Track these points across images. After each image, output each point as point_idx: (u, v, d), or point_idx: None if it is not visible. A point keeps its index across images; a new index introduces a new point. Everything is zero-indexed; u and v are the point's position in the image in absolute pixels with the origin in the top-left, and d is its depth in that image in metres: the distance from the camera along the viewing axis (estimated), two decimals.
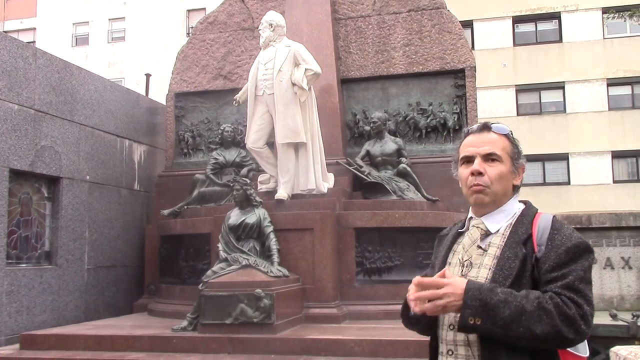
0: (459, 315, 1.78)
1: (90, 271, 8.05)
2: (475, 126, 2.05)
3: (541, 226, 1.93)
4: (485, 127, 2.02)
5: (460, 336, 1.89)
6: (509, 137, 2.02)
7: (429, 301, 1.79)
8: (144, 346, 5.78)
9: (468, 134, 2.05)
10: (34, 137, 7.21)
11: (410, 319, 2.08)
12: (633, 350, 3.21)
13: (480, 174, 1.95)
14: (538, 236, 1.90)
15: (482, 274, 1.92)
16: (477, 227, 2.01)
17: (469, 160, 1.99)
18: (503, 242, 1.94)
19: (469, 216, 2.08)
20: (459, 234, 2.09)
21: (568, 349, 1.89)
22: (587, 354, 1.95)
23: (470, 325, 1.76)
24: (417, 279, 1.84)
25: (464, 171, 2.01)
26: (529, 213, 2.00)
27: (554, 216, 1.98)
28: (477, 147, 1.99)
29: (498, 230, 1.97)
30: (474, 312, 1.75)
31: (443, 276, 1.84)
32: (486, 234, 1.99)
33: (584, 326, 1.75)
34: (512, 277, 1.85)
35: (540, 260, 1.86)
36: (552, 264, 1.84)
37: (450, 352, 1.93)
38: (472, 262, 1.96)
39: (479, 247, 1.98)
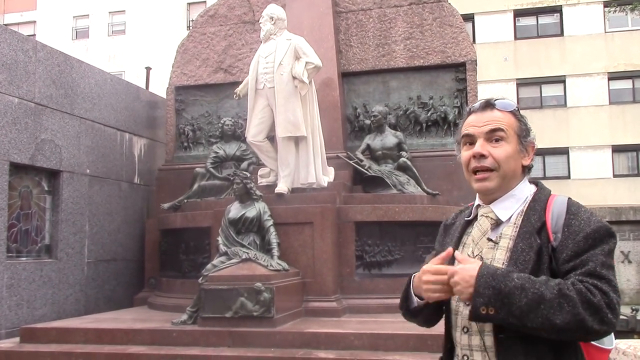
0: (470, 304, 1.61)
1: (90, 265, 8.06)
2: (477, 103, 1.87)
3: (555, 211, 1.74)
4: (489, 105, 1.84)
5: (476, 341, 1.74)
6: (515, 113, 1.85)
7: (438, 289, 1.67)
8: (145, 340, 5.79)
9: (470, 112, 1.87)
10: (34, 131, 7.21)
11: (411, 311, 1.95)
12: (632, 343, 3.22)
13: (482, 156, 1.78)
14: (553, 223, 1.72)
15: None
16: (486, 216, 1.83)
17: (471, 141, 1.82)
18: (515, 232, 1.76)
19: (476, 203, 1.90)
20: (468, 224, 1.91)
21: (592, 342, 1.71)
22: (613, 346, 1.77)
23: (483, 315, 1.59)
24: (427, 266, 1.71)
25: (464, 153, 1.83)
26: (541, 197, 1.81)
27: (569, 199, 1.80)
28: (478, 127, 1.81)
29: (509, 219, 1.79)
30: (487, 301, 1.58)
31: (451, 259, 1.71)
32: (497, 223, 1.81)
33: (611, 315, 1.57)
34: (528, 271, 1.66)
35: (557, 250, 1.69)
36: (570, 252, 1.67)
37: (465, 358, 1.78)
38: (482, 256, 1.78)
39: (489, 239, 1.80)
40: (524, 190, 1.83)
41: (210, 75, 9.16)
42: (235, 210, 6.53)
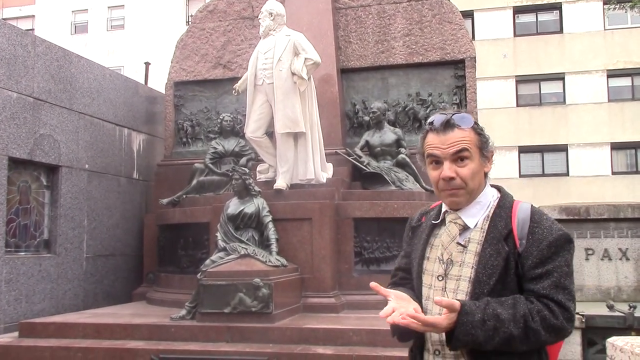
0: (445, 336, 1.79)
1: (89, 260, 8.07)
2: (437, 122, 1.90)
3: (520, 218, 1.88)
4: (448, 125, 1.89)
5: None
6: (474, 128, 1.91)
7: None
8: (143, 334, 5.80)
9: (431, 129, 1.92)
10: (32, 126, 7.20)
11: (407, 334, 1.98)
12: (629, 340, 3.23)
13: (452, 179, 1.88)
14: (518, 230, 1.85)
15: (465, 272, 1.88)
16: (454, 222, 1.94)
17: (436, 160, 1.91)
18: (483, 237, 1.89)
19: (443, 209, 2.01)
20: (434, 227, 2.02)
21: None
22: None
23: (460, 347, 1.79)
24: (413, 315, 1.76)
25: (433, 172, 1.93)
26: (505, 203, 1.93)
27: (532, 206, 1.94)
28: (443, 149, 1.88)
29: (476, 224, 1.92)
30: (464, 345, 1.77)
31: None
32: (464, 228, 1.93)
33: (569, 326, 1.79)
34: (496, 276, 1.82)
35: (522, 256, 1.83)
36: (535, 260, 1.82)
37: (437, 352, 1.91)
38: (452, 259, 1.91)
39: (458, 243, 1.92)
40: (488, 196, 1.96)
41: (209, 70, 9.16)
42: (234, 206, 6.54)
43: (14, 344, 5.80)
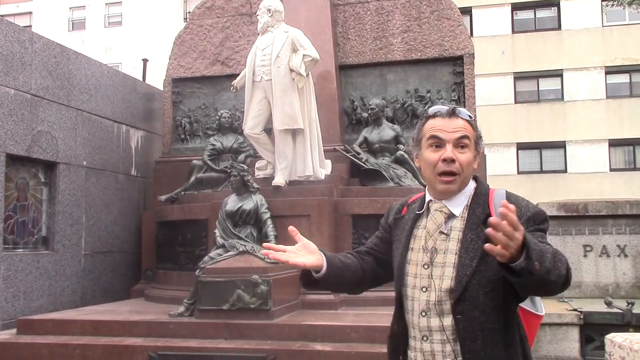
0: (521, 260, 1.65)
1: (87, 256, 8.06)
2: (443, 109, 2.01)
3: (497, 203, 1.93)
4: (454, 112, 2.00)
5: (435, 322, 1.94)
6: (471, 122, 2.02)
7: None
8: (141, 331, 5.80)
9: (435, 116, 2.02)
10: (30, 122, 7.19)
11: (314, 281, 2.17)
12: (628, 337, 3.23)
13: (453, 161, 1.95)
14: (496, 213, 1.88)
15: (449, 259, 1.95)
16: (440, 211, 2.01)
17: (437, 143, 1.98)
18: (463, 225, 1.97)
19: (427, 199, 2.07)
20: (418, 217, 2.09)
21: (528, 309, 2.06)
22: (544, 313, 2.12)
23: (533, 268, 1.66)
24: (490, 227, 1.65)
25: (431, 155, 1.99)
26: (482, 191, 2.02)
27: (506, 191, 2.01)
28: (448, 132, 1.97)
29: (459, 213, 2.00)
30: (536, 257, 1.67)
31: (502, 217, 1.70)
32: (448, 217, 2.00)
33: (569, 273, 1.82)
34: (477, 258, 1.89)
35: None
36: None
37: (425, 338, 1.97)
38: (436, 247, 1.98)
39: (441, 232, 1.99)
40: (469, 186, 2.04)
41: (207, 67, 9.14)
42: (232, 202, 6.53)
43: (12, 341, 5.80)
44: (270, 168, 7.35)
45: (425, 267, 1.99)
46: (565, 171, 22.40)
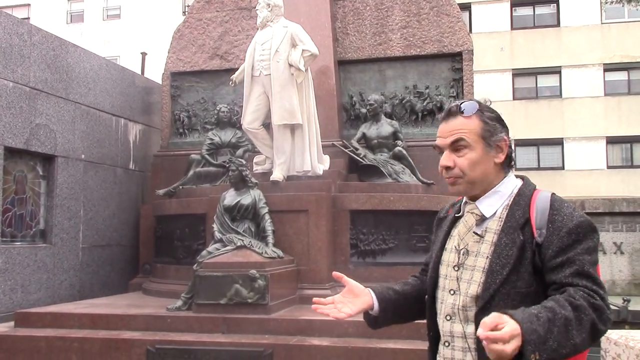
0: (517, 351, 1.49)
1: (85, 250, 8.06)
2: (444, 112, 1.93)
3: (539, 207, 1.80)
4: (451, 113, 1.89)
5: (458, 328, 1.83)
6: (479, 115, 1.86)
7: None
8: (139, 325, 5.81)
9: (441, 121, 1.94)
10: (28, 115, 7.18)
11: (375, 319, 2.10)
12: (623, 334, 3.25)
13: (448, 168, 1.88)
14: (537, 219, 1.78)
15: (480, 263, 1.82)
16: (471, 212, 1.90)
17: (439, 151, 1.92)
18: (500, 227, 1.83)
19: (464, 200, 1.97)
20: (456, 220, 1.99)
21: None
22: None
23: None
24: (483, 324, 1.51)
25: (440, 161, 1.93)
26: (525, 192, 1.87)
27: (552, 194, 1.85)
28: (444, 138, 1.89)
29: (495, 214, 1.86)
30: (534, 347, 1.51)
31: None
32: (482, 218, 1.87)
33: (608, 311, 1.65)
34: (509, 266, 1.75)
35: (543, 246, 1.74)
36: (555, 248, 1.72)
37: (446, 344, 1.88)
38: (468, 249, 1.87)
39: (475, 233, 1.87)
40: (509, 186, 1.89)
41: (206, 61, 9.13)
42: (230, 197, 6.54)
43: (9, 334, 5.81)
44: (269, 163, 7.35)
45: (455, 268, 1.89)
46: (562, 168, 22.42)
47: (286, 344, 5.22)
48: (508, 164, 1.91)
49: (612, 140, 22.17)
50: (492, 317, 1.51)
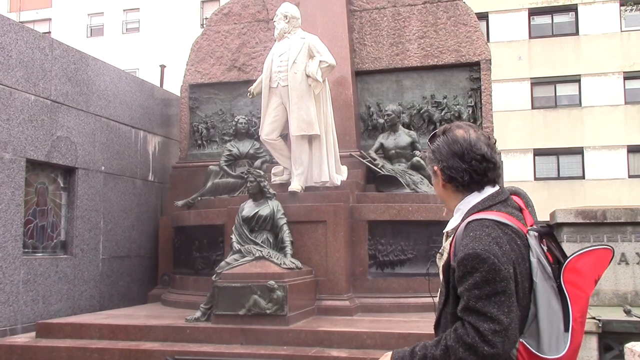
0: None
1: (104, 261, 8.13)
2: None
3: (458, 232, 1.86)
4: None
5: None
6: (428, 146, 2.08)
7: None
8: (158, 336, 5.83)
9: None
10: (50, 128, 7.28)
11: None
12: None
13: None
14: (455, 244, 1.84)
15: (440, 280, 1.96)
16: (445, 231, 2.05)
17: None
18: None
19: None
20: None
21: (533, 351, 1.80)
22: (560, 354, 1.80)
23: None
24: None
25: None
26: (468, 214, 1.91)
27: (472, 220, 1.85)
28: None
29: (453, 232, 1.96)
30: None
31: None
32: (446, 235, 2.01)
33: (488, 347, 1.70)
34: (444, 288, 1.89)
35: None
36: (456, 277, 1.81)
37: None
38: (438, 265, 2.02)
39: (438, 251, 2.02)
40: (470, 203, 1.95)
41: (224, 73, 9.20)
42: (248, 208, 6.56)
43: (31, 344, 5.86)
44: (287, 174, 7.37)
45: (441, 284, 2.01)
46: (583, 177, 22.19)
47: (304, 355, 5.20)
48: (461, 186, 1.96)
49: (633, 149, 21.91)
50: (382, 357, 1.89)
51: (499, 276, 1.72)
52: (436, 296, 2.01)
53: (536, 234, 1.84)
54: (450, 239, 1.92)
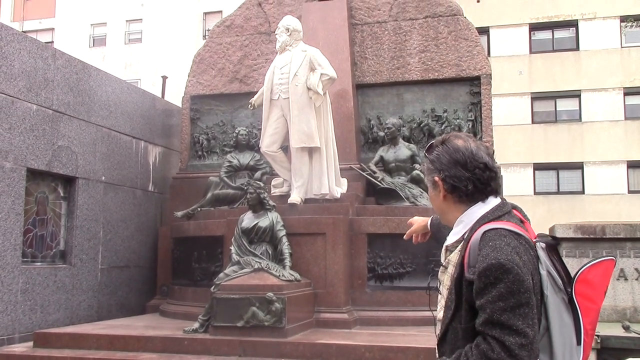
0: None
1: (103, 271, 8.12)
2: None
3: (473, 242, 1.77)
4: None
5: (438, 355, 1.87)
6: (426, 156, 2.03)
7: None
8: (156, 347, 5.82)
9: None
10: (51, 137, 7.30)
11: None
12: None
13: None
14: (470, 255, 1.76)
15: (444, 293, 1.88)
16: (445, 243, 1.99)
17: None
18: (458, 260, 1.85)
19: None
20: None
21: None
22: None
23: None
24: None
25: None
26: (478, 224, 1.83)
27: (490, 230, 1.78)
28: None
29: (457, 244, 1.89)
30: None
31: None
32: (447, 249, 1.95)
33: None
34: (454, 302, 1.79)
35: (473, 284, 1.72)
36: (475, 289, 1.70)
37: None
38: (440, 279, 1.95)
39: (441, 264, 1.94)
40: (474, 215, 1.88)
41: (225, 85, 9.23)
42: (248, 219, 6.57)
43: (28, 354, 5.85)
44: (287, 186, 7.38)
45: (439, 296, 1.95)
46: (582, 192, 22.18)
47: None
48: (465, 195, 1.89)
49: (633, 165, 21.91)
50: None
51: (522, 287, 1.66)
52: (436, 310, 1.96)
53: (544, 245, 1.80)
54: (459, 251, 1.85)
